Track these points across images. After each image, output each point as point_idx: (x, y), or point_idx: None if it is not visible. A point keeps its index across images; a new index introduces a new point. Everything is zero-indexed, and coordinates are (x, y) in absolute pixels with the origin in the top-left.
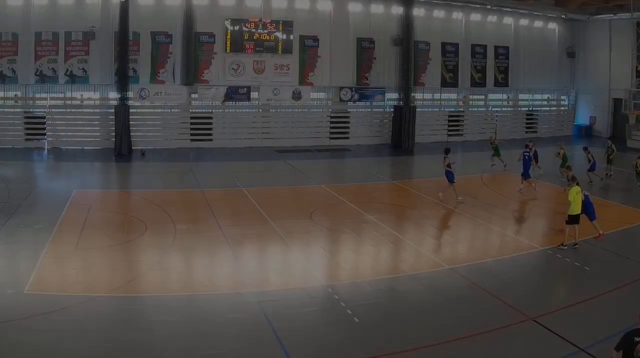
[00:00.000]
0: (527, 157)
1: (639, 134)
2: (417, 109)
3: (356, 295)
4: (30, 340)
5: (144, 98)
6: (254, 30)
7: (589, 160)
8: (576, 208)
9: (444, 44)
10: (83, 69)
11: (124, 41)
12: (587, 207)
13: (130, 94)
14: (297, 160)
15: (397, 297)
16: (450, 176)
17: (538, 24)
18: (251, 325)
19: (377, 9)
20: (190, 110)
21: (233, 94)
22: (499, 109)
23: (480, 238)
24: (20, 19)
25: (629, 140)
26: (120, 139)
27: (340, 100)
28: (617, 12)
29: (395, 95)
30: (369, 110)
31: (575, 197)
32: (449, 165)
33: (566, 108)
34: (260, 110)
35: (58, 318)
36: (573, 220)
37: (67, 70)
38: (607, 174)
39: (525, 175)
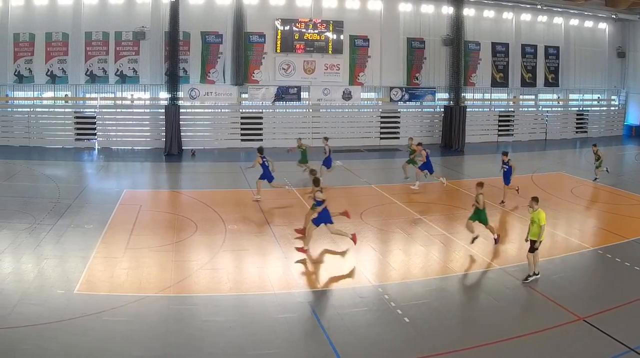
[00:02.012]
0: (428, 154)
1: None
2: (468, 109)
3: (406, 295)
4: (80, 340)
5: (194, 98)
6: (304, 30)
7: (503, 168)
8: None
9: (494, 44)
10: (133, 68)
11: (174, 41)
12: (323, 213)
13: (180, 94)
14: (347, 160)
15: (448, 297)
16: (267, 174)
17: (588, 24)
18: (301, 325)
19: (427, 9)
20: (241, 110)
21: (283, 94)
22: (549, 109)
23: None
24: (71, 19)
25: None
26: (171, 139)
27: (391, 100)
28: None
29: (445, 95)
30: (420, 110)
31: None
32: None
33: (616, 108)
34: (311, 110)
35: (108, 318)
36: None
37: (118, 70)
38: (594, 179)
39: (431, 170)
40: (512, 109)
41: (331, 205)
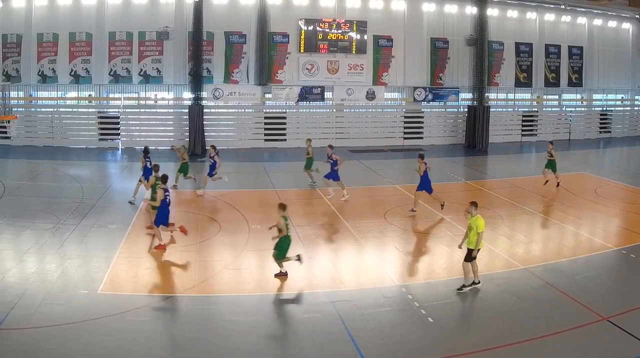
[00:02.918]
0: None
1: None
2: (491, 109)
3: (430, 295)
4: (103, 340)
5: (218, 98)
6: (328, 30)
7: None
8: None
9: (517, 44)
10: (157, 69)
11: (198, 41)
12: (163, 210)
13: (204, 94)
14: (371, 160)
15: (471, 297)
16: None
17: (612, 24)
18: (325, 325)
19: (451, 9)
20: (264, 110)
21: (307, 94)
22: (573, 109)
23: (554, 239)
24: (94, 19)
25: None
26: (194, 139)
27: (414, 100)
28: None
29: (469, 95)
30: (443, 110)
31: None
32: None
33: None
34: (334, 110)
35: (132, 318)
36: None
37: (141, 70)
38: (545, 182)
39: (335, 178)
40: (536, 109)
41: (352, 204)
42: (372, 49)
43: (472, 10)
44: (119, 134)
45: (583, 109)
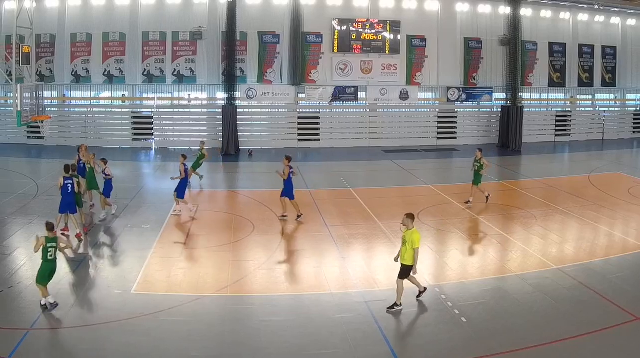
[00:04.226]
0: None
1: None
2: (525, 109)
3: (463, 295)
4: (137, 340)
5: (252, 98)
6: (362, 30)
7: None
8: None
9: (551, 44)
10: (190, 69)
11: (231, 41)
12: (65, 198)
13: (237, 94)
14: (404, 160)
15: (505, 297)
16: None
17: None
18: (358, 325)
19: (485, 9)
20: (298, 110)
21: (340, 94)
22: (607, 109)
23: (587, 239)
24: (128, 19)
25: None
26: (228, 139)
27: (448, 100)
28: None
29: (502, 95)
30: (477, 110)
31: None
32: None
33: None
34: (368, 110)
35: (165, 318)
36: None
37: (175, 70)
38: (467, 201)
39: (181, 194)
40: (569, 109)
41: (385, 204)
42: (406, 49)
43: (505, 10)
44: (152, 134)
45: (616, 109)
